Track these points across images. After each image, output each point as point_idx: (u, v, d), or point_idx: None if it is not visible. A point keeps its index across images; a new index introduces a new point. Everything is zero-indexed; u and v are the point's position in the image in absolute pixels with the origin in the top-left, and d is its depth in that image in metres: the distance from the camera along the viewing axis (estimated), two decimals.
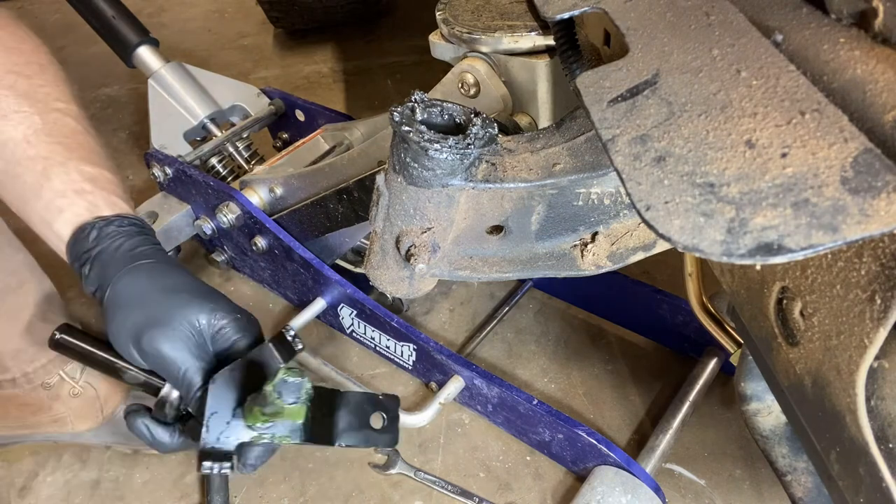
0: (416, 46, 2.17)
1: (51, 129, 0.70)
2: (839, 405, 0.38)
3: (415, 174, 0.50)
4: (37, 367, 0.95)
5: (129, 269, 0.66)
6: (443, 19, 0.85)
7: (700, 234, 0.29)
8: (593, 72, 0.42)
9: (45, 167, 0.68)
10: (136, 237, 0.69)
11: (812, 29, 0.39)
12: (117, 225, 0.68)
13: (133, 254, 0.67)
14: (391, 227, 0.55)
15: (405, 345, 1.04)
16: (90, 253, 0.66)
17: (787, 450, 0.67)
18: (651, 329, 1.14)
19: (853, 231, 0.27)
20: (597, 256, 0.57)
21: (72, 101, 0.75)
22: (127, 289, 0.65)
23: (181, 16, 2.56)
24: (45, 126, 0.70)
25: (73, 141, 0.72)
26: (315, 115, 1.43)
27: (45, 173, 0.68)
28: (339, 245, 1.16)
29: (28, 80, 0.72)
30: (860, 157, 0.29)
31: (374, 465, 0.99)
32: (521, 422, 0.97)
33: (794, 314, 0.42)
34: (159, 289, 0.65)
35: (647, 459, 0.92)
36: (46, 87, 0.73)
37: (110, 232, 0.67)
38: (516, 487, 0.97)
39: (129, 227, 0.69)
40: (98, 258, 0.66)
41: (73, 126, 0.73)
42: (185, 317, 0.64)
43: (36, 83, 0.72)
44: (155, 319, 0.63)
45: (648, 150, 0.34)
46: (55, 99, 0.73)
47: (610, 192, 0.54)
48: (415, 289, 0.59)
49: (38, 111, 0.70)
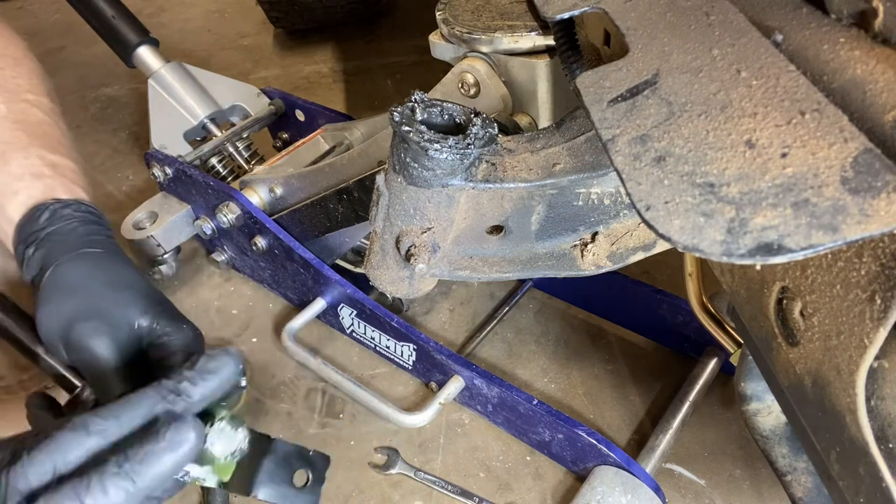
0: (416, 46, 2.17)
1: (16, 117, 0.69)
2: (839, 405, 0.38)
3: (415, 174, 0.50)
4: (32, 375, 0.94)
5: (75, 255, 0.61)
6: (443, 19, 0.85)
7: (700, 234, 0.29)
8: (593, 72, 0.42)
9: (4, 151, 0.66)
10: (91, 224, 0.65)
11: (812, 29, 0.39)
12: (73, 209, 0.65)
13: (84, 240, 0.63)
14: (391, 227, 0.55)
15: (405, 345, 1.04)
16: (38, 234, 0.62)
17: (787, 450, 0.67)
18: (651, 329, 1.14)
19: (853, 231, 0.27)
20: (597, 256, 0.57)
21: (44, 95, 0.73)
22: (68, 274, 0.60)
23: (181, 16, 2.56)
24: (10, 114, 0.68)
25: (38, 130, 0.70)
26: (315, 115, 1.43)
27: (3, 157, 0.66)
28: (339, 245, 1.16)
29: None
30: (860, 157, 0.29)
31: (374, 465, 0.99)
32: (521, 422, 0.97)
33: (794, 314, 0.42)
34: (104, 281, 0.61)
35: (647, 459, 0.92)
36: (18, 78, 0.72)
37: (65, 215, 0.64)
38: (516, 487, 0.97)
39: (85, 213, 0.66)
40: (46, 240, 0.62)
41: (41, 117, 0.71)
42: (126, 316, 0.59)
43: (7, 75, 0.71)
44: (93, 312, 0.58)
45: (648, 150, 0.34)
46: (26, 91, 0.72)
47: (610, 192, 0.54)
48: (415, 289, 0.59)
49: (5, 100, 0.69)
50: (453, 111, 0.52)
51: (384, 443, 1.03)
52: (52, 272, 0.60)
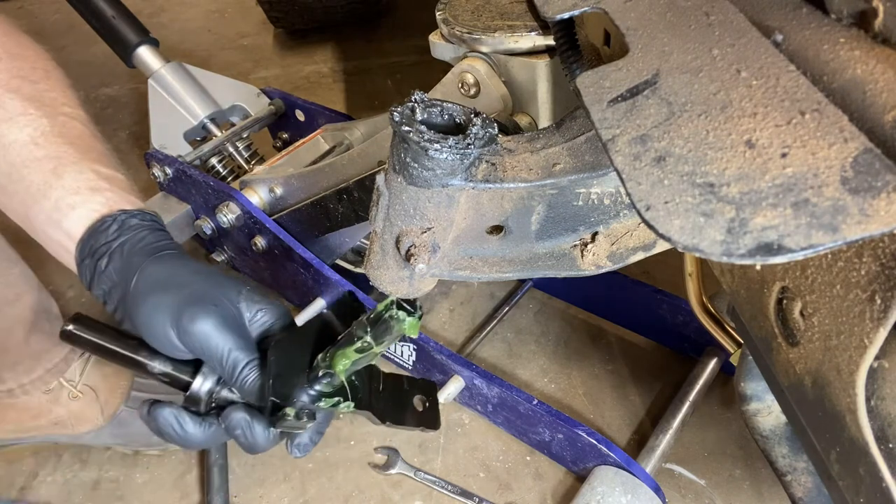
0: (416, 46, 2.17)
1: (60, 130, 0.68)
2: (839, 405, 0.38)
3: (415, 174, 0.50)
4: (34, 379, 0.94)
5: (157, 257, 0.63)
6: (443, 19, 0.85)
7: (700, 234, 0.29)
8: (593, 72, 0.42)
9: (56, 166, 0.65)
10: (158, 231, 0.67)
11: (812, 29, 0.39)
12: (139, 219, 0.65)
13: (157, 245, 0.65)
14: (391, 227, 0.55)
15: (405, 345, 1.04)
16: (110, 245, 0.63)
17: (787, 450, 0.67)
18: (651, 329, 1.14)
19: (853, 231, 0.27)
20: (597, 256, 0.57)
21: (79, 107, 0.73)
22: (159, 272, 0.62)
23: (181, 16, 2.56)
24: (54, 128, 0.67)
25: (85, 143, 0.69)
26: (315, 115, 1.43)
27: (55, 172, 0.65)
28: (339, 245, 1.16)
29: (34, 85, 0.70)
30: (860, 157, 0.29)
31: (374, 465, 0.99)
32: (521, 422, 0.97)
33: (794, 314, 0.42)
34: (192, 271, 0.63)
35: (647, 459, 0.92)
36: (52, 91, 0.71)
37: (134, 224, 0.64)
38: (516, 487, 0.97)
39: (151, 222, 0.67)
40: (119, 250, 0.63)
41: (81, 129, 0.71)
42: (225, 295, 0.62)
43: (41, 88, 0.70)
44: (196, 297, 0.60)
45: (648, 150, 0.34)
46: (62, 104, 0.71)
47: (610, 192, 0.54)
48: (415, 289, 0.59)
49: (46, 114, 0.68)
50: (453, 111, 0.52)
51: (384, 443, 1.03)
52: (140, 275, 0.62)
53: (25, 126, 0.66)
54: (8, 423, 0.98)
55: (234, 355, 0.60)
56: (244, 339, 0.61)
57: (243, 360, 0.60)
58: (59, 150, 0.66)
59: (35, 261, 0.94)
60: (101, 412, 1.00)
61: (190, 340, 0.60)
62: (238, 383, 0.61)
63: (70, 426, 0.99)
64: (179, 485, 1.01)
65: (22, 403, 0.96)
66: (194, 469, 1.02)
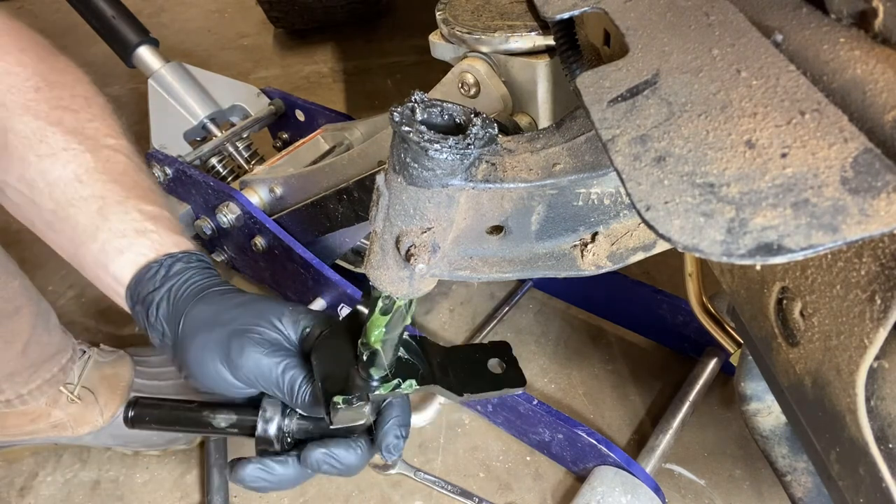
0: (416, 46, 2.17)
1: (104, 166, 0.66)
2: (839, 405, 0.38)
3: (415, 174, 0.50)
4: (31, 389, 0.94)
5: (201, 299, 0.63)
6: (443, 19, 0.85)
7: (700, 234, 0.29)
8: (593, 72, 0.42)
9: (101, 206, 0.64)
10: (205, 272, 0.65)
11: (812, 29, 0.39)
12: (185, 262, 0.64)
13: (202, 286, 0.64)
14: (391, 227, 0.55)
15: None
16: (157, 293, 0.62)
17: (787, 450, 0.67)
18: (651, 329, 1.14)
19: (853, 231, 0.27)
20: (597, 256, 0.57)
21: (122, 136, 0.71)
22: (203, 313, 0.62)
23: (181, 16, 2.56)
24: (98, 164, 0.65)
25: (129, 179, 0.67)
26: (315, 115, 1.43)
27: (101, 213, 0.63)
28: (339, 245, 1.16)
29: (75, 115, 0.67)
30: (860, 157, 0.29)
31: (374, 465, 0.99)
32: (521, 422, 0.97)
33: (794, 314, 0.42)
34: (234, 305, 0.62)
35: (647, 459, 0.92)
36: (95, 121, 0.69)
37: (178, 269, 0.64)
38: (516, 487, 0.97)
39: (197, 262, 0.65)
40: (166, 296, 0.62)
41: (126, 163, 0.68)
42: (267, 321, 0.61)
43: (83, 118, 0.68)
44: (238, 330, 0.60)
45: (648, 151, 0.34)
46: (105, 135, 0.69)
47: (610, 192, 0.54)
48: (415, 289, 0.59)
49: (89, 148, 0.66)
50: (453, 111, 0.52)
51: None
52: (185, 320, 0.61)
53: (69, 162, 0.64)
54: (7, 427, 0.98)
55: (289, 375, 0.59)
56: (296, 357, 0.60)
57: (299, 378, 0.59)
58: (104, 189, 0.65)
59: (35, 261, 0.94)
60: (101, 414, 0.99)
61: (243, 374, 0.59)
62: (299, 402, 0.59)
63: (70, 428, 0.99)
64: (179, 485, 1.01)
65: (21, 408, 0.96)
66: (194, 469, 1.02)
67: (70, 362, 0.99)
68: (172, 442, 1.03)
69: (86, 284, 1.34)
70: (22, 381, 0.93)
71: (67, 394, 0.97)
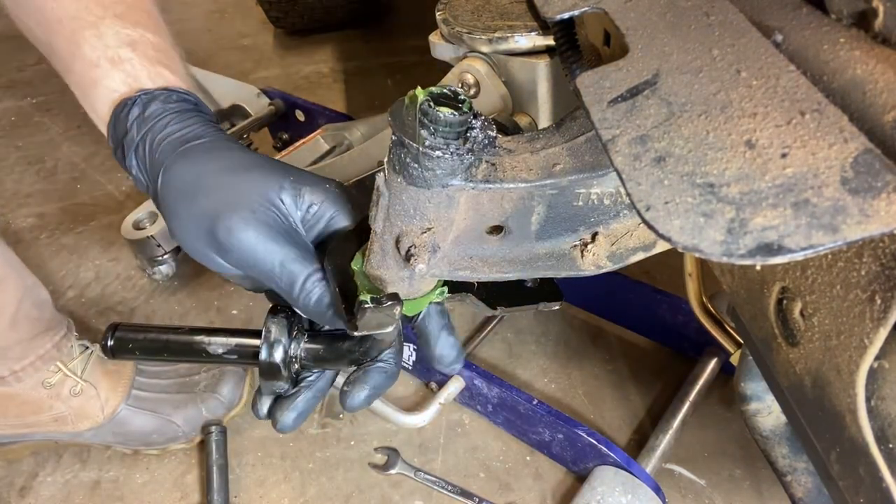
0: (416, 46, 2.17)
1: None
2: (839, 405, 0.38)
3: (415, 174, 0.50)
4: (25, 365, 0.94)
5: (180, 153, 0.52)
6: (443, 19, 0.85)
7: (700, 234, 0.29)
8: (593, 72, 0.42)
9: (73, 31, 0.54)
10: (187, 115, 0.55)
11: (812, 29, 0.39)
12: (163, 101, 0.54)
13: (183, 137, 0.53)
14: (391, 227, 0.55)
15: (405, 345, 1.04)
16: (132, 138, 0.53)
17: (787, 450, 0.67)
18: (651, 329, 1.14)
19: (853, 231, 0.27)
20: (597, 256, 0.57)
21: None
22: (183, 174, 0.51)
23: (181, 16, 2.56)
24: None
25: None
26: (315, 115, 1.43)
27: (73, 39, 0.54)
28: None
29: None
30: (860, 158, 0.29)
31: (374, 465, 0.99)
32: (521, 422, 0.97)
33: (794, 314, 0.42)
34: (224, 168, 0.52)
35: (647, 459, 0.92)
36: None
37: (155, 110, 0.54)
38: (516, 487, 0.97)
39: (178, 102, 0.55)
40: (142, 144, 0.53)
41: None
42: (263, 196, 0.50)
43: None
44: (227, 203, 0.49)
45: (648, 151, 0.34)
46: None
47: (610, 192, 0.54)
48: (415, 289, 0.59)
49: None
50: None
51: (384, 443, 1.03)
52: (162, 181, 0.52)
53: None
54: (9, 417, 0.98)
55: (289, 270, 0.49)
56: (297, 245, 0.50)
57: (301, 274, 0.49)
58: (76, 7, 0.55)
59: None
60: (102, 409, 1.00)
61: (233, 258, 0.50)
62: (301, 303, 0.50)
63: (71, 423, 0.99)
64: (179, 485, 1.01)
65: (23, 397, 0.96)
66: (194, 469, 1.02)
67: (65, 339, 0.98)
68: (172, 440, 1.03)
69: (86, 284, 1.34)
70: (14, 357, 0.92)
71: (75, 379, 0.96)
